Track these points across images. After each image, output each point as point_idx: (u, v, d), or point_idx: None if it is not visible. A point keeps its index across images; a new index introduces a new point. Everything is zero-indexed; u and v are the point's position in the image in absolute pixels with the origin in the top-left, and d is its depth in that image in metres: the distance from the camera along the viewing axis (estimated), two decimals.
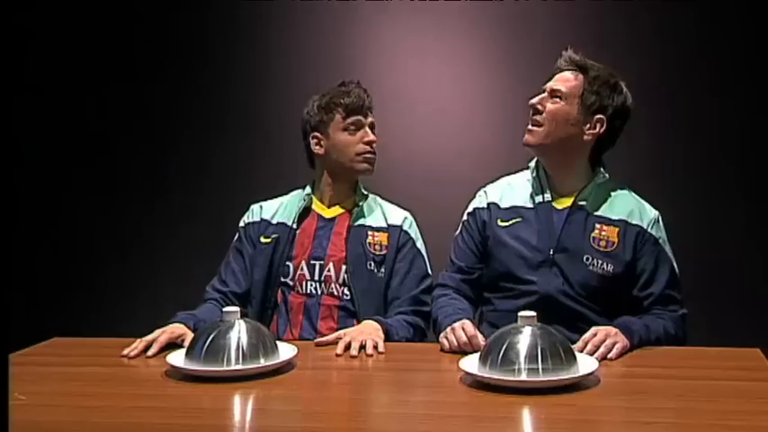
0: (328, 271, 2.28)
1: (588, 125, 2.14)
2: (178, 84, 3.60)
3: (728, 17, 3.28)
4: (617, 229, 2.13)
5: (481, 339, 1.90)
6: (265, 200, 2.43)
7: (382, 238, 2.33)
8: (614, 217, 2.15)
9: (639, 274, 2.12)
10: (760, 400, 1.56)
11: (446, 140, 3.47)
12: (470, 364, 1.71)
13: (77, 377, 1.82)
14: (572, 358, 1.66)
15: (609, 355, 1.84)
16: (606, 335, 1.88)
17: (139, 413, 1.57)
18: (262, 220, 2.37)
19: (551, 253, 2.13)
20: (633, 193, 2.22)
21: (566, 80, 2.16)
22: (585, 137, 2.14)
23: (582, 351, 1.81)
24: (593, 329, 1.91)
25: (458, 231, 2.30)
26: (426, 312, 2.25)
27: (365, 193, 2.41)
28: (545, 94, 2.17)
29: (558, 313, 2.06)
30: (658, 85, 3.26)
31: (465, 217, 2.30)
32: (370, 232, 2.32)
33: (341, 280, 2.28)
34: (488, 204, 2.25)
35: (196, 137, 3.60)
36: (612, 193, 2.19)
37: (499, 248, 2.19)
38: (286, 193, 2.43)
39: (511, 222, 2.20)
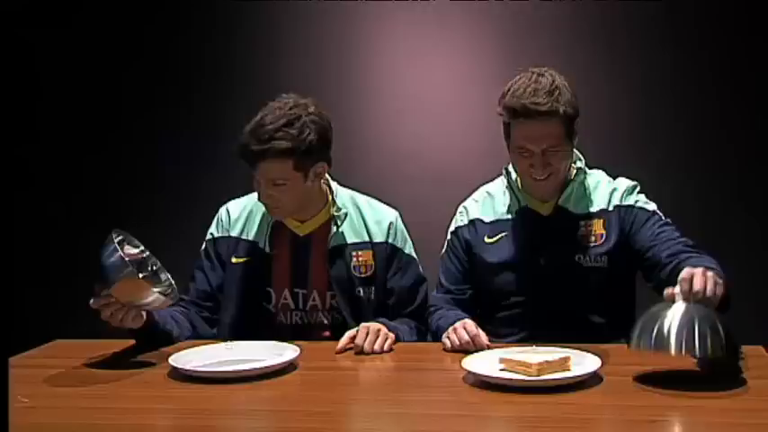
0: (313, 300, 2.14)
1: (575, 138, 2.09)
2: (177, 83, 3.60)
3: (730, 15, 3.28)
4: (601, 221, 2.11)
5: (484, 338, 1.90)
6: (238, 197, 2.25)
7: (367, 257, 2.15)
8: (594, 209, 2.13)
9: (647, 248, 2.04)
10: (763, 397, 1.56)
11: (446, 140, 3.46)
12: (473, 363, 1.71)
13: (79, 379, 1.82)
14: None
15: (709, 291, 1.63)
16: (703, 273, 1.65)
17: (141, 414, 1.57)
18: (230, 236, 2.18)
19: (542, 262, 2.11)
20: (604, 175, 2.20)
21: (548, 134, 2.00)
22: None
23: (687, 295, 1.60)
24: (684, 272, 1.63)
25: (443, 250, 2.26)
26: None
27: (341, 205, 2.17)
28: (537, 154, 2.01)
29: (558, 319, 2.04)
30: (658, 85, 3.27)
31: (449, 236, 2.25)
32: (353, 252, 2.14)
33: (327, 306, 2.14)
34: (471, 221, 2.20)
35: (196, 137, 3.59)
36: (589, 186, 2.16)
37: (488, 269, 2.15)
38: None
39: (497, 238, 2.16)
